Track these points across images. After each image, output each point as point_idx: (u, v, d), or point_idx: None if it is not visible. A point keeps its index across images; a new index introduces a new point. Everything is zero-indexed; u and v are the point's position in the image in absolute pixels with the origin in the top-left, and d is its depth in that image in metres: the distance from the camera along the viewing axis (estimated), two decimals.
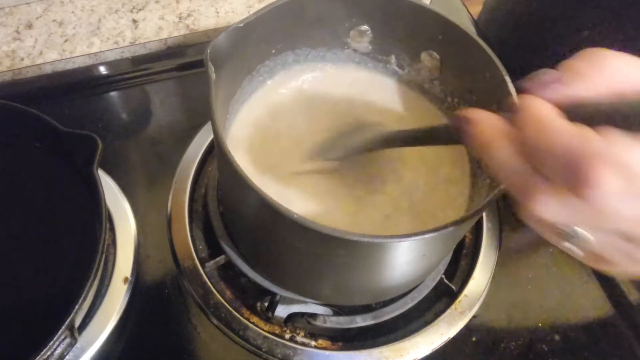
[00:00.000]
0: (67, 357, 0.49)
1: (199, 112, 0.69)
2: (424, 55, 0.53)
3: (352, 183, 0.51)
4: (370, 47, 0.56)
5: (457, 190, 0.52)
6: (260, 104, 0.56)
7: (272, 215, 0.37)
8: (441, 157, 0.53)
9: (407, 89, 0.58)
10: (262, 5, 0.77)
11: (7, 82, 0.69)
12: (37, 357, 0.43)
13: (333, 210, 0.49)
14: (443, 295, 0.57)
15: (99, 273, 0.50)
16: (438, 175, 0.53)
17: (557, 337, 0.56)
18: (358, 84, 0.58)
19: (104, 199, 0.52)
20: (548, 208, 0.27)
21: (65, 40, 0.71)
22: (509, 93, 0.43)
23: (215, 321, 0.53)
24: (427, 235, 0.36)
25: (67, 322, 0.45)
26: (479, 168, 0.50)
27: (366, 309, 0.55)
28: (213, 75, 0.41)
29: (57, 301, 0.50)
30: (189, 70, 0.74)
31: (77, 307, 0.45)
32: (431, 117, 0.57)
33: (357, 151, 0.50)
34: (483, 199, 0.38)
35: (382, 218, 0.49)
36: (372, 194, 0.51)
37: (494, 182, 0.43)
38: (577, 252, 0.30)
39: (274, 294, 0.54)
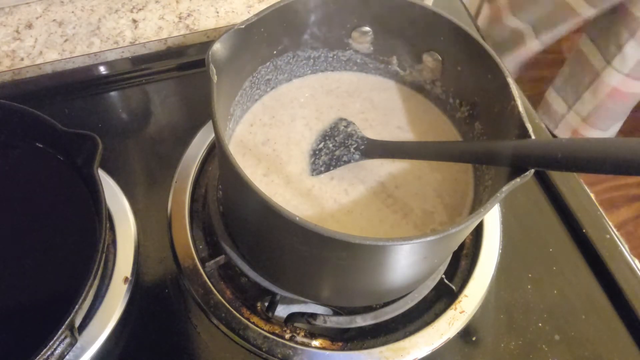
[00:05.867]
0: (67, 357, 0.49)
1: (199, 112, 0.69)
2: (425, 57, 0.53)
3: (352, 186, 0.51)
4: (371, 48, 0.56)
5: (460, 193, 0.52)
6: (262, 105, 0.56)
7: (274, 218, 0.37)
8: None
9: (409, 90, 0.58)
10: (262, 5, 0.77)
11: (7, 82, 0.69)
12: (37, 357, 0.43)
13: (334, 212, 0.49)
14: (443, 295, 0.57)
15: (99, 273, 0.50)
16: (440, 177, 0.53)
17: (557, 337, 0.56)
18: (360, 85, 0.58)
19: (104, 199, 0.52)
20: None
21: (65, 40, 0.71)
22: (510, 94, 0.43)
23: (215, 321, 0.54)
24: (428, 238, 0.36)
25: (67, 322, 0.45)
26: (481, 171, 0.50)
27: (366, 308, 0.55)
28: (215, 78, 0.41)
29: (57, 301, 0.50)
30: (189, 70, 0.74)
31: (77, 307, 0.46)
32: (432, 118, 0.57)
33: (354, 161, 0.50)
34: (485, 202, 0.38)
35: (383, 220, 0.49)
36: (373, 196, 0.51)
37: (496, 185, 0.43)
38: None
39: (274, 294, 0.54)
